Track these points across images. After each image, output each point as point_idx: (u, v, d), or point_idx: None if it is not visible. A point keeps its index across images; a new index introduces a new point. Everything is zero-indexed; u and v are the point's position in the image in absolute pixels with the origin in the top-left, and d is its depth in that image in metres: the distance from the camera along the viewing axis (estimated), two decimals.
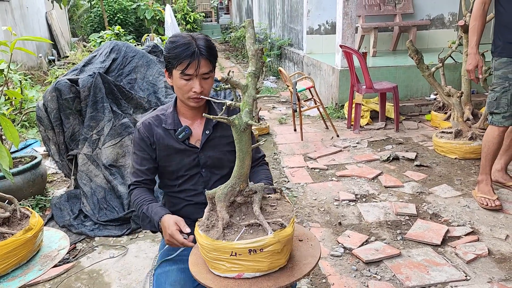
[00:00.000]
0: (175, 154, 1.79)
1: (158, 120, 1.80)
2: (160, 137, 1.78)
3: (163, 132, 1.79)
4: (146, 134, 1.78)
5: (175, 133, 1.78)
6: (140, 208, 1.77)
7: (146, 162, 1.81)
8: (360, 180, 3.70)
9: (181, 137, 1.78)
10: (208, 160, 1.81)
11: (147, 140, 1.78)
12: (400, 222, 2.99)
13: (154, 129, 1.79)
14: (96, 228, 3.07)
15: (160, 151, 1.80)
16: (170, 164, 1.81)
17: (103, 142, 3.35)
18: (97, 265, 2.64)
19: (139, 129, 1.80)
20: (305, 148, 4.59)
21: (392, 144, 4.54)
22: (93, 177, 3.33)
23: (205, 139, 1.82)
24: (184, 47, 1.65)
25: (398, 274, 2.41)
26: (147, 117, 1.83)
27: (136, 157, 1.82)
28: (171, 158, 1.81)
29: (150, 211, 1.72)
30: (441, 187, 3.49)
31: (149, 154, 1.80)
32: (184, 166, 1.81)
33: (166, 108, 1.86)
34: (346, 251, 2.68)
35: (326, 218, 3.11)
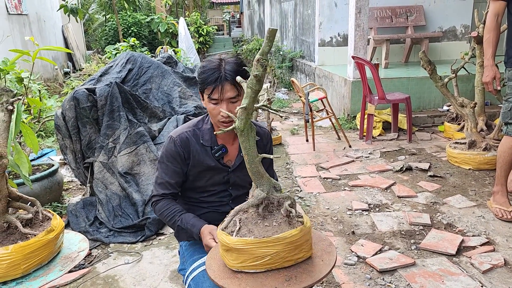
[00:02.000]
0: (206, 171, 1.83)
1: (195, 136, 1.82)
2: (197, 153, 1.80)
3: (200, 148, 1.81)
4: (182, 148, 1.80)
5: (211, 150, 1.81)
6: (172, 219, 1.81)
7: (176, 175, 1.83)
8: (373, 190, 3.69)
9: (217, 156, 1.82)
10: (237, 179, 1.86)
11: (182, 154, 1.79)
12: (414, 232, 2.98)
13: (192, 144, 1.81)
14: (111, 234, 3.10)
15: (192, 167, 1.82)
16: (200, 180, 1.85)
17: (119, 150, 3.40)
18: (112, 270, 2.67)
19: (175, 141, 1.80)
20: (317, 158, 4.60)
21: (405, 155, 4.53)
22: (108, 184, 3.38)
23: (239, 162, 1.85)
24: (210, 72, 1.69)
25: (412, 283, 2.40)
26: (182, 130, 1.83)
27: (167, 169, 1.83)
28: (202, 175, 1.84)
29: (185, 223, 1.78)
30: (455, 197, 3.47)
31: (181, 168, 1.82)
32: (213, 183, 1.86)
33: (201, 123, 1.87)
34: (359, 260, 2.67)
35: (339, 227, 3.11)
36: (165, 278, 2.56)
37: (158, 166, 1.88)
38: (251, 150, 1.38)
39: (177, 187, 1.88)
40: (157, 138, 3.62)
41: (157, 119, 3.85)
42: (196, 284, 1.71)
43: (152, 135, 3.61)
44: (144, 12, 14.47)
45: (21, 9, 9.55)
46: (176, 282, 2.51)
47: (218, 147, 1.83)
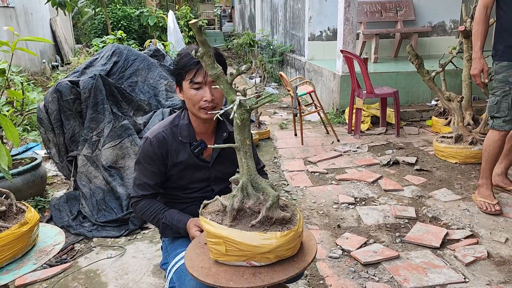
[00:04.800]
0: (187, 169, 1.79)
1: (172, 134, 1.78)
2: (175, 152, 1.77)
3: (179, 145, 1.77)
4: (160, 148, 1.74)
5: (190, 146, 1.78)
6: (155, 218, 1.79)
7: (155, 176, 1.79)
8: (359, 184, 3.69)
9: (196, 152, 1.79)
10: (218, 173, 1.84)
11: (159, 155, 1.75)
12: (399, 225, 2.98)
13: (169, 144, 1.77)
14: (95, 229, 3.06)
15: (172, 167, 1.79)
16: (181, 179, 1.82)
17: (103, 144, 3.35)
18: (94, 265, 2.63)
19: (152, 142, 1.75)
20: (305, 152, 4.59)
21: (392, 149, 4.53)
22: (92, 178, 3.34)
23: (216, 154, 1.83)
24: (190, 56, 1.65)
25: (396, 276, 2.39)
26: (159, 130, 1.79)
27: (145, 170, 1.79)
28: (182, 174, 1.81)
29: (170, 220, 1.76)
30: (441, 191, 3.47)
31: (160, 169, 1.78)
32: (195, 180, 1.83)
33: (177, 119, 1.82)
34: (344, 253, 2.66)
35: (325, 220, 3.10)
36: (148, 272, 2.53)
37: (136, 167, 1.84)
38: (246, 141, 1.36)
39: (157, 188, 1.84)
40: (143, 132, 3.57)
41: (143, 112, 3.81)
42: (179, 276, 1.69)
43: (137, 128, 3.56)
44: (134, 6, 14.33)
45: (8, 2, 9.40)
46: (158, 276, 2.48)
47: (197, 143, 1.80)
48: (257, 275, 1.30)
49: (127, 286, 2.41)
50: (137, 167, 1.85)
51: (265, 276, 1.30)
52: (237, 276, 1.31)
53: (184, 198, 1.91)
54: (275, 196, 1.33)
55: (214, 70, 1.29)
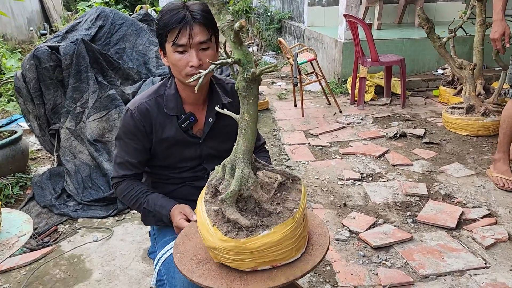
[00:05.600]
0: (174, 146, 1.55)
1: (157, 105, 1.53)
2: (160, 127, 1.52)
3: (164, 119, 1.52)
4: (142, 122, 1.50)
5: (177, 120, 1.53)
6: (136, 202, 1.56)
7: (138, 154, 1.56)
8: (365, 158, 3.44)
9: (185, 126, 1.53)
10: (211, 150, 1.59)
11: (142, 129, 1.51)
12: (410, 203, 2.75)
13: (153, 117, 1.52)
14: (80, 208, 2.82)
15: (157, 143, 1.55)
16: (168, 157, 1.58)
17: (88, 116, 3.07)
18: (78, 249, 2.40)
19: (133, 114, 1.50)
20: (306, 124, 4.32)
21: (398, 121, 4.27)
22: (77, 153, 3.07)
23: (208, 129, 1.58)
24: (173, 13, 1.39)
25: (410, 261, 2.18)
26: (141, 100, 1.53)
27: (127, 147, 1.55)
28: (169, 151, 1.56)
29: (152, 205, 1.53)
30: (452, 165, 3.24)
31: (143, 145, 1.54)
32: (184, 159, 1.58)
33: (162, 88, 1.57)
34: (352, 235, 2.44)
35: (329, 198, 2.87)
36: (137, 258, 2.30)
37: (117, 143, 1.60)
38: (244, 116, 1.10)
39: (140, 167, 1.61)
40: None
41: (131, 81, 3.51)
42: (168, 269, 1.47)
43: (125, 98, 3.27)
44: None
45: None
46: (149, 262, 2.26)
47: (186, 116, 1.55)
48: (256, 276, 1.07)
49: (113, 274, 2.18)
50: (117, 143, 1.61)
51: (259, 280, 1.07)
52: (235, 276, 1.08)
53: (173, 178, 1.67)
54: (229, 192, 1.07)
55: (222, 21, 1.02)
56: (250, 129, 1.11)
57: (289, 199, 1.14)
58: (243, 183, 1.09)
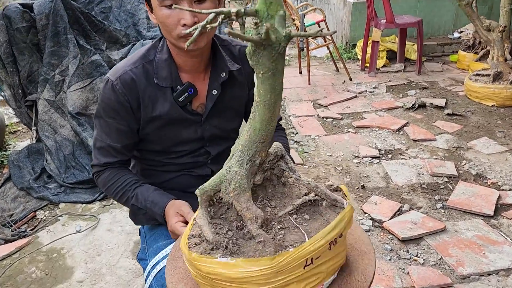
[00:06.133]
0: (168, 125, 1.21)
1: (144, 73, 1.18)
2: (150, 101, 1.18)
3: (155, 91, 1.18)
4: (127, 95, 1.17)
5: (172, 92, 1.19)
6: (123, 196, 1.25)
7: (123, 136, 1.22)
8: (382, 132, 3.09)
9: (182, 100, 1.19)
10: (215, 130, 1.26)
11: (127, 104, 1.17)
12: (438, 185, 2.42)
13: (141, 88, 1.17)
14: (62, 191, 2.48)
15: (147, 122, 1.21)
16: (160, 139, 1.25)
17: (69, 85, 2.68)
18: (59, 242, 2.08)
19: (115, 86, 1.16)
20: (313, 93, 3.94)
21: (415, 89, 3.90)
22: (57, 128, 2.70)
23: (211, 103, 1.23)
24: None
25: (446, 256, 1.87)
26: (125, 68, 1.18)
27: (108, 127, 1.21)
28: (163, 132, 1.23)
29: (142, 202, 1.23)
30: (481, 140, 2.90)
31: (129, 126, 1.20)
32: (181, 141, 1.26)
33: (152, 52, 1.21)
34: (375, 224, 2.12)
35: (345, 179, 2.53)
36: (126, 253, 1.98)
37: (96, 123, 1.25)
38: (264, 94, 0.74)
39: (126, 152, 1.27)
40: None
41: (119, 45, 3.08)
42: (162, 285, 1.16)
43: (111, 65, 2.86)
44: None
45: None
46: None
47: (183, 87, 1.20)
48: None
49: (98, 273, 1.86)
50: (97, 123, 1.26)
51: None
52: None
53: (169, 165, 1.34)
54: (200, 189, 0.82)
55: None
56: (259, 114, 0.75)
57: (302, 230, 0.79)
58: (224, 184, 0.78)
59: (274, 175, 0.86)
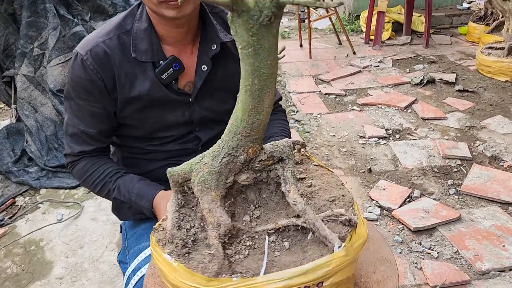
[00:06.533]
0: (151, 107, 1.06)
1: (120, 46, 1.00)
2: (127, 79, 1.02)
3: (133, 67, 1.01)
4: (100, 72, 0.99)
5: (154, 68, 1.01)
6: (103, 190, 1.10)
7: (98, 121, 1.05)
8: (389, 110, 2.88)
9: (165, 77, 1.02)
10: (206, 112, 1.11)
11: (100, 83, 1.00)
12: (451, 168, 2.24)
13: (115, 64, 1.00)
14: (43, 176, 2.29)
15: (125, 104, 1.04)
16: (142, 123, 1.07)
17: (49, 59, 2.45)
18: (38, 232, 1.90)
19: (85, 61, 0.98)
20: (315, 68, 3.71)
21: (423, 64, 3.67)
22: (38, 106, 2.49)
23: (201, 81, 1.05)
24: None
25: (462, 249, 1.70)
26: (97, 39, 0.99)
27: (80, 110, 1.04)
28: (144, 115, 1.06)
29: (126, 194, 1.07)
30: (495, 119, 2.70)
31: (104, 108, 1.04)
32: (167, 126, 1.11)
33: (129, 22, 1.01)
34: (383, 212, 1.94)
35: (350, 162, 2.35)
36: (112, 245, 1.80)
37: (66, 105, 1.08)
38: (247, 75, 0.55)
39: (104, 139, 1.11)
40: None
41: (105, 16, 2.84)
42: None
43: None
44: None
45: None
46: None
47: (167, 62, 1.01)
48: None
49: (80, 268, 1.69)
50: (67, 105, 1.09)
51: None
52: None
53: (153, 152, 1.16)
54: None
55: None
56: (241, 101, 0.60)
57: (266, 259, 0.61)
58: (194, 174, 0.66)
59: (272, 180, 0.67)
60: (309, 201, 0.67)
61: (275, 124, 1.18)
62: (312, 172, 0.75)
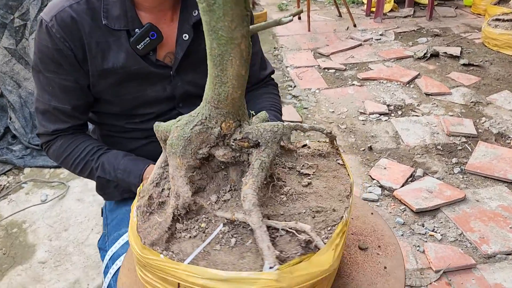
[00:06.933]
0: (127, 81, 0.95)
1: (90, 11, 0.88)
2: (99, 49, 0.90)
3: (105, 36, 0.90)
4: (67, 41, 0.87)
5: (128, 37, 0.90)
6: (85, 169, 1.00)
7: (71, 95, 0.94)
8: (391, 85, 2.76)
9: (141, 48, 0.90)
10: (188, 87, 1.00)
11: (69, 52, 0.88)
12: (455, 146, 2.14)
13: (85, 31, 0.88)
14: (28, 154, 2.18)
15: (98, 77, 0.93)
16: (118, 98, 0.99)
17: (31, 31, 2.31)
18: (21, 214, 1.81)
19: (50, 29, 0.86)
20: (314, 41, 3.56)
21: (426, 37, 3.52)
22: (21, 81, 2.36)
23: (182, 52, 0.94)
24: None
25: (467, 231, 1.61)
26: (63, 4, 0.87)
27: (50, 84, 0.93)
28: (120, 89, 0.97)
29: (111, 172, 0.97)
30: (501, 94, 2.58)
31: (76, 81, 0.93)
32: (147, 102, 1.01)
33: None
34: (384, 192, 1.85)
35: (350, 139, 2.24)
36: (98, 227, 1.71)
37: (35, 79, 0.97)
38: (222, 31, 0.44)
39: (80, 115, 1.00)
40: None
41: None
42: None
43: None
44: None
45: None
46: None
47: (143, 31, 0.90)
48: None
49: (64, 252, 1.60)
50: (36, 79, 0.98)
51: None
52: None
53: (134, 131, 1.07)
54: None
55: None
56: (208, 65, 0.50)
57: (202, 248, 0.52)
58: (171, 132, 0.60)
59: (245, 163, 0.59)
60: (287, 202, 0.58)
61: (264, 98, 1.08)
62: (325, 171, 0.65)
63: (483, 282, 1.42)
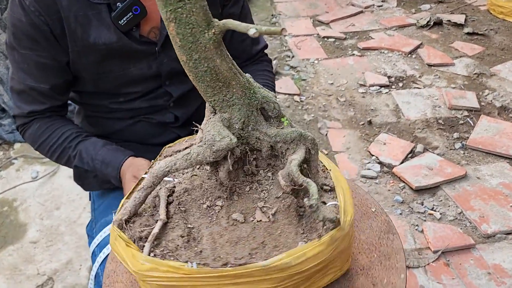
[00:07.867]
0: (110, 58, 0.90)
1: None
2: (79, 24, 0.85)
3: (85, 9, 0.84)
4: (43, 15, 0.82)
5: (109, 12, 0.85)
6: (62, 157, 0.97)
7: (49, 73, 0.89)
8: (392, 55, 2.67)
9: (123, 23, 0.85)
10: (175, 64, 0.92)
11: (45, 27, 0.83)
12: (457, 120, 2.08)
13: (63, 5, 0.82)
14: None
15: (78, 53, 0.88)
16: (101, 77, 0.94)
17: None
18: (11, 192, 1.77)
19: (24, 1, 0.80)
20: (313, 8, 3.43)
21: (429, 3, 3.39)
22: None
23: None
24: None
25: (467, 210, 1.58)
26: None
27: (25, 63, 0.88)
28: (102, 67, 0.92)
29: (89, 162, 0.93)
30: (506, 65, 2.50)
31: (54, 58, 0.88)
32: (132, 80, 0.96)
33: None
34: (383, 169, 1.81)
35: (349, 113, 2.18)
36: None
37: (10, 57, 0.92)
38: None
39: (58, 95, 0.95)
40: None
41: None
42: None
43: None
44: None
45: None
46: None
47: (125, 4, 0.84)
48: None
49: (56, 231, 1.58)
50: (11, 57, 0.93)
51: None
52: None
53: (119, 111, 1.02)
54: None
55: None
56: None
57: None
58: None
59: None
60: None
61: (258, 76, 1.02)
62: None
63: (481, 262, 1.40)
